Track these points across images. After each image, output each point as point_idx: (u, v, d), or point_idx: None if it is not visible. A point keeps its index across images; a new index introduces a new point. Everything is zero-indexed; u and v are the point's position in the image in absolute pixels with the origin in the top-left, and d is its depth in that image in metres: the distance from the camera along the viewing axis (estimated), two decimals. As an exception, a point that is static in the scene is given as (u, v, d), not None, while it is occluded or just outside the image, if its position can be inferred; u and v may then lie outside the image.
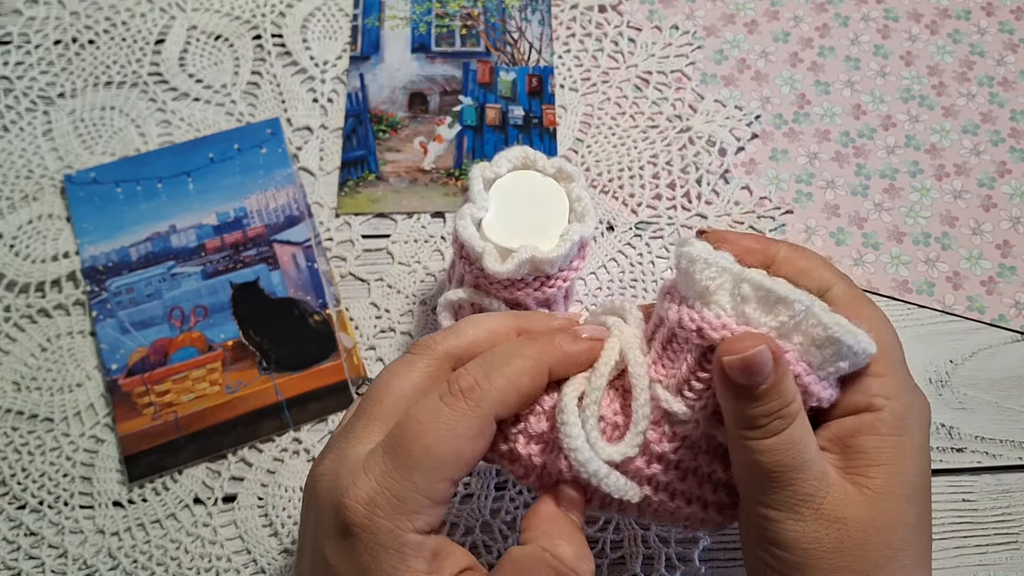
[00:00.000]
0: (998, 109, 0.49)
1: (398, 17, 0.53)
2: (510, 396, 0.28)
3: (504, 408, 0.28)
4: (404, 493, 0.26)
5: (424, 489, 0.26)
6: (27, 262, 0.46)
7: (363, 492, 0.26)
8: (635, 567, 0.39)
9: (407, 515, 0.26)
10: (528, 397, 0.29)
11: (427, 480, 0.26)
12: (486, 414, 0.27)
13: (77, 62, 0.52)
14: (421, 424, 0.27)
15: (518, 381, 0.28)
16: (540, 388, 0.29)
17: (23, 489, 0.42)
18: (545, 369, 0.29)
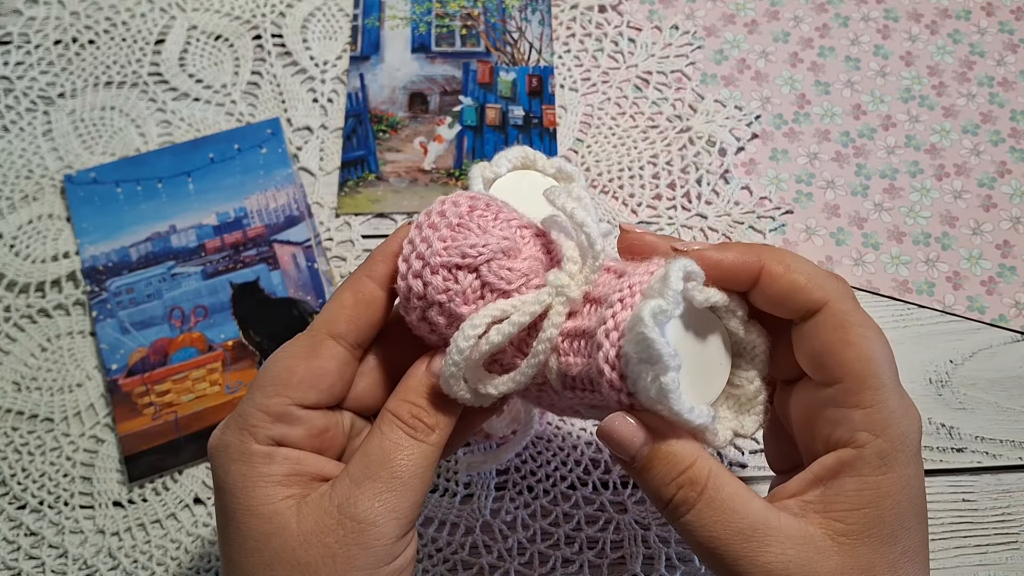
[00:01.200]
0: (998, 109, 0.49)
1: (398, 17, 0.53)
2: (336, 313, 0.30)
3: (334, 324, 0.30)
4: (245, 411, 0.29)
5: (261, 404, 0.29)
6: (27, 262, 0.46)
7: (222, 423, 0.30)
8: (635, 567, 0.39)
9: (248, 429, 0.29)
10: (355, 308, 0.30)
11: (264, 396, 0.29)
12: (315, 333, 0.30)
13: (77, 62, 0.52)
14: (269, 357, 0.30)
15: (340, 299, 0.31)
16: (369, 295, 0.30)
17: (23, 489, 0.42)
18: (366, 281, 0.31)
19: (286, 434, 0.29)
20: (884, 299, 0.45)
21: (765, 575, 0.25)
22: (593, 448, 0.41)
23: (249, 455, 0.28)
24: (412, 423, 0.29)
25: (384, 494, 0.28)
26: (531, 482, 0.41)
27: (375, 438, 0.29)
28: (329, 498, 0.28)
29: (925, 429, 0.42)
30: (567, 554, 0.40)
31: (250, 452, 0.28)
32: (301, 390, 0.29)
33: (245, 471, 0.28)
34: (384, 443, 0.29)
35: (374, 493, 0.28)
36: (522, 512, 0.40)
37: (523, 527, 0.40)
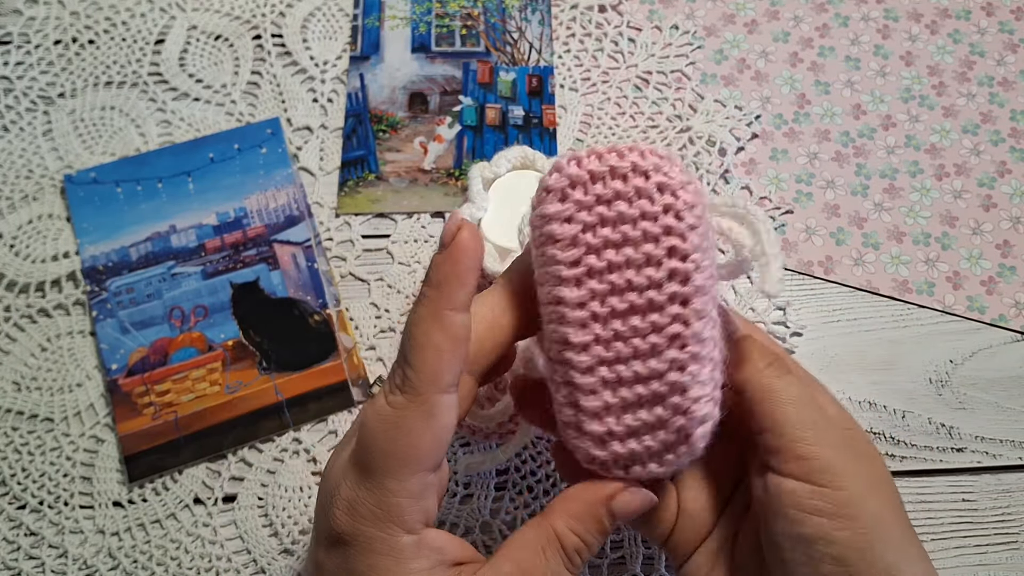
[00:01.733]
0: (998, 109, 0.49)
1: (398, 17, 0.53)
2: (434, 364, 0.27)
3: (440, 376, 0.27)
4: (381, 500, 0.26)
5: (399, 491, 0.26)
6: (27, 262, 0.46)
7: (344, 500, 0.27)
8: (635, 567, 0.39)
9: (393, 520, 0.26)
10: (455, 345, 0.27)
11: (399, 481, 0.26)
12: (424, 396, 0.26)
13: (77, 62, 0.52)
14: (371, 430, 0.27)
15: (431, 344, 0.27)
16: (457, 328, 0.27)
17: (23, 489, 0.42)
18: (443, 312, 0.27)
19: (428, 508, 0.27)
20: (884, 299, 0.45)
21: None
22: (593, 448, 0.41)
23: (399, 551, 0.26)
24: (573, 558, 0.28)
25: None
26: (531, 482, 0.41)
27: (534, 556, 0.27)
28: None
29: (925, 429, 0.42)
30: (567, 554, 0.40)
31: (400, 547, 0.26)
32: (432, 459, 0.27)
33: (395, 568, 0.26)
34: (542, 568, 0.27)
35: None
36: (522, 512, 0.40)
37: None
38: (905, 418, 0.42)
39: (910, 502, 0.40)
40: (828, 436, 0.28)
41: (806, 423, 0.28)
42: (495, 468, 0.41)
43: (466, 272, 0.27)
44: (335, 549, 0.27)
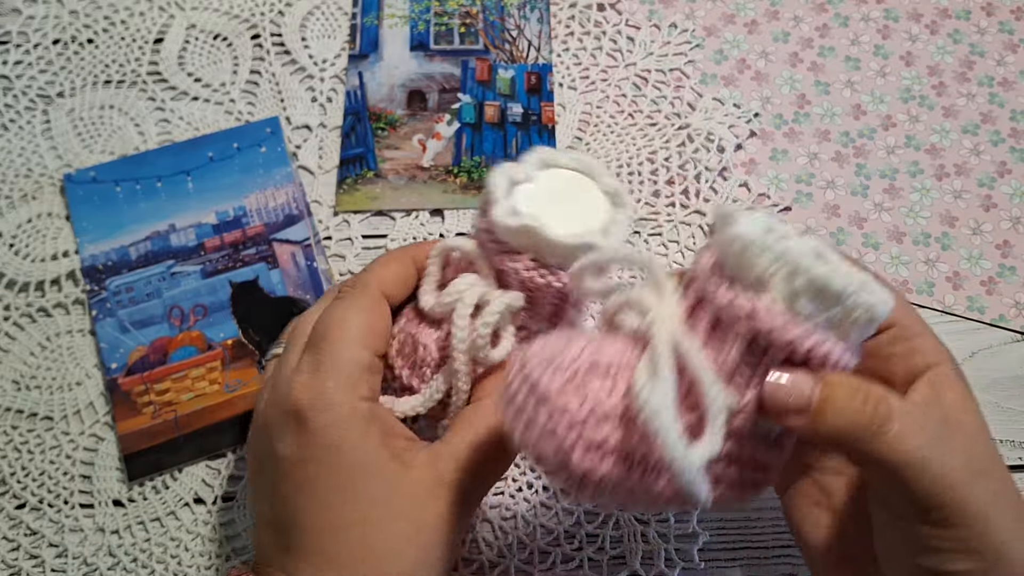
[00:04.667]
0: (998, 109, 0.49)
1: (397, 15, 0.53)
2: (385, 277, 0.33)
3: (387, 283, 0.32)
4: (341, 369, 0.29)
5: (356, 359, 0.30)
6: (27, 261, 0.46)
7: (303, 383, 0.30)
8: (635, 563, 0.39)
9: (353, 386, 0.29)
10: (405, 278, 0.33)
11: (353, 351, 0.30)
12: (372, 291, 0.32)
13: (76, 61, 0.52)
14: (327, 319, 0.31)
15: (391, 266, 0.33)
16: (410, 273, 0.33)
17: (23, 488, 0.42)
18: (408, 259, 0.34)
19: (374, 386, 0.31)
20: (883, 298, 0.45)
21: None
22: (592, 447, 0.41)
23: (358, 412, 0.29)
24: None
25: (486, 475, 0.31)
26: (531, 478, 0.41)
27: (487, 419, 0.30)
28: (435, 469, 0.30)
29: (924, 428, 0.42)
30: (567, 550, 0.40)
31: (361, 410, 0.29)
32: (379, 342, 0.31)
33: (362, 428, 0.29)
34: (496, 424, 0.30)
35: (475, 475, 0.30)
36: (522, 508, 0.40)
37: (523, 523, 0.40)
38: (904, 418, 0.42)
39: (909, 502, 0.40)
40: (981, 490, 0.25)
41: None
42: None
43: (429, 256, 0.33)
44: (296, 434, 0.29)
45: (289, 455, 0.29)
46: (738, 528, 0.40)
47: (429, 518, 0.29)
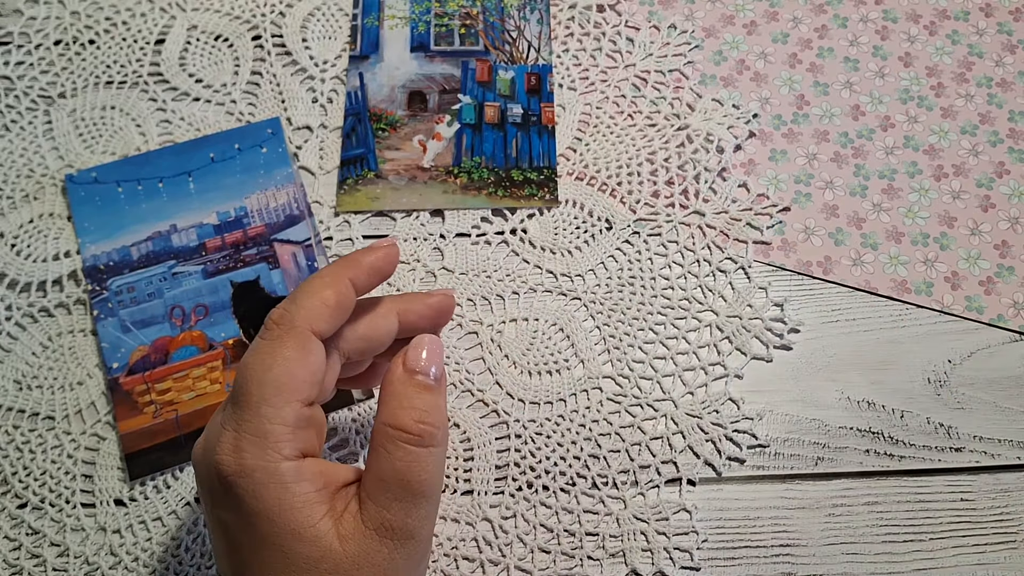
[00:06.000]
0: (996, 110, 0.49)
1: (397, 16, 0.53)
2: (319, 309, 0.29)
3: (318, 320, 0.29)
4: (260, 428, 0.27)
5: (275, 417, 0.27)
6: (28, 261, 0.46)
7: (227, 445, 0.28)
8: (634, 561, 0.39)
9: (272, 447, 0.27)
10: (339, 307, 0.30)
11: (274, 408, 0.28)
12: (300, 331, 0.29)
13: (77, 62, 0.52)
14: (248, 365, 0.29)
15: (322, 295, 0.30)
16: (348, 298, 0.30)
17: (24, 487, 0.42)
18: (345, 280, 0.30)
19: (304, 440, 0.28)
20: (882, 299, 0.45)
21: None
22: (592, 444, 0.42)
23: (280, 475, 0.27)
24: (419, 430, 0.29)
25: (412, 509, 0.29)
26: (530, 478, 0.41)
27: (384, 460, 0.29)
28: (363, 522, 0.28)
29: (924, 428, 0.42)
30: (566, 549, 0.40)
31: (280, 472, 0.27)
32: (305, 391, 0.29)
33: (280, 494, 0.27)
34: (396, 464, 0.29)
35: (403, 512, 0.29)
36: (521, 507, 0.41)
37: (523, 521, 0.40)
38: (904, 418, 0.42)
39: (908, 502, 0.41)
40: None
41: None
42: (494, 464, 0.42)
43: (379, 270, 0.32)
44: (228, 497, 0.28)
45: (227, 520, 0.28)
46: (737, 527, 0.40)
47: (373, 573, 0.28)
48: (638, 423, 0.42)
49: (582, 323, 0.44)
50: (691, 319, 0.44)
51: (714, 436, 0.42)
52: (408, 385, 0.30)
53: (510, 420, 0.42)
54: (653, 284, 0.45)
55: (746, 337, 0.44)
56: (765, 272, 0.46)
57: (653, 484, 0.41)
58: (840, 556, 0.39)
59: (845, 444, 0.42)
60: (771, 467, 0.41)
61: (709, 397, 0.42)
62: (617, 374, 0.43)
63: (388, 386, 0.30)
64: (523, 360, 0.44)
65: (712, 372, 0.43)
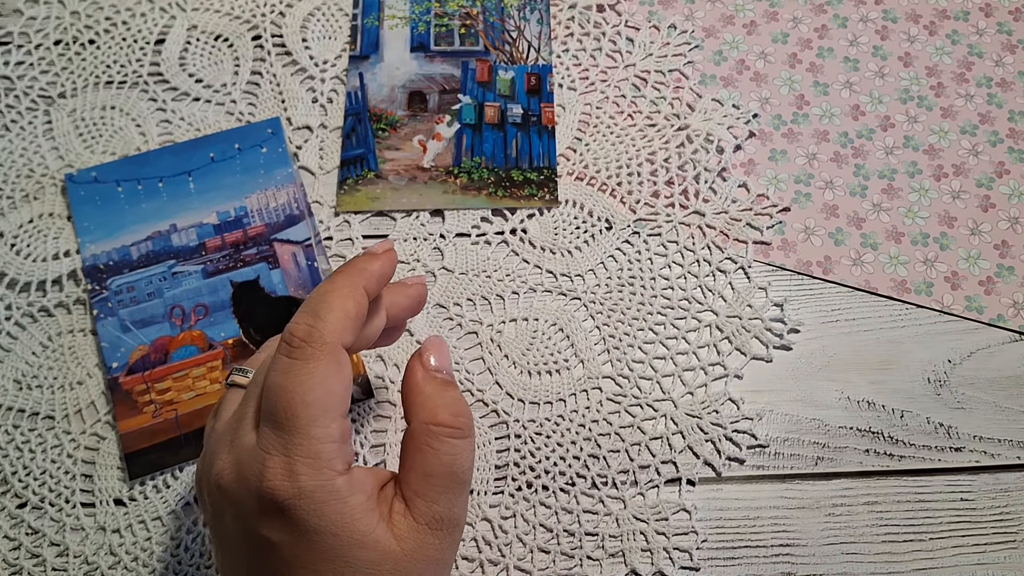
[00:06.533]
0: (996, 110, 0.49)
1: (397, 17, 0.53)
2: (344, 322, 0.30)
3: (345, 334, 0.30)
4: (312, 450, 0.28)
5: (325, 437, 0.28)
6: (28, 260, 0.46)
7: (278, 470, 0.28)
8: (633, 561, 0.39)
9: (326, 466, 0.28)
10: (359, 318, 0.31)
11: (323, 428, 0.28)
12: (332, 347, 0.29)
13: (77, 62, 0.52)
14: (285, 387, 0.28)
15: (344, 307, 0.30)
16: (364, 307, 0.31)
17: (24, 487, 0.42)
18: (360, 288, 0.31)
19: (348, 452, 0.29)
20: (882, 299, 0.45)
21: None
22: (592, 444, 0.42)
23: (338, 492, 0.28)
24: (458, 423, 0.30)
25: (456, 499, 0.30)
26: (530, 478, 0.41)
27: (430, 457, 0.30)
28: (415, 519, 0.30)
29: (924, 428, 0.42)
30: (566, 549, 0.40)
31: (337, 488, 0.28)
32: (345, 405, 0.30)
33: (340, 509, 0.28)
34: (443, 458, 0.30)
35: (450, 503, 0.30)
36: (521, 507, 0.41)
37: (522, 521, 0.40)
38: (904, 417, 0.42)
39: (908, 501, 0.41)
40: None
41: None
42: (494, 464, 0.42)
43: (385, 275, 0.32)
44: (282, 519, 0.28)
45: (278, 540, 0.28)
46: (737, 527, 0.40)
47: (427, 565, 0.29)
48: (638, 423, 0.42)
49: (582, 323, 0.44)
50: (691, 319, 0.44)
51: (714, 436, 0.42)
52: (433, 384, 0.32)
53: (510, 420, 0.42)
54: (653, 284, 0.45)
55: (746, 337, 0.44)
56: (765, 272, 0.46)
57: (653, 484, 0.41)
58: (840, 556, 0.39)
59: (845, 444, 0.42)
60: (771, 467, 0.41)
61: (709, 397, 0.42)
62: (617, 374, 0.43)
63: (415, 389, 0.32)
64: (523, 360, 0.44)
65: (712, 372, 0.43)
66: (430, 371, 0.32)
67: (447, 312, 0.45)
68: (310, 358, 0.29)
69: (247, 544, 0.29)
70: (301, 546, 0.28)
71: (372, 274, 0.32)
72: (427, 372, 0.32)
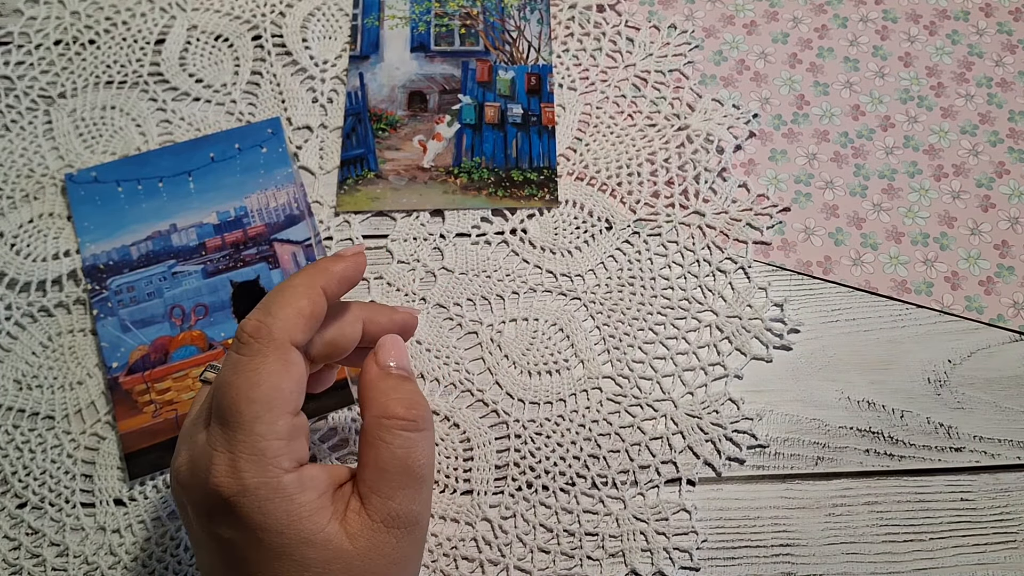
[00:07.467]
0: (996, 110, 0.49)
1: (397, 17, 0.53)
2: (295, 320, 0.29)
3: (296, 331, 0.29)
4: (256, 447, 0.28)
5: (269, 433, 0.28)
6: (28, 260, 0.46)
7: (223, 467, 0.28)
8: (633, 561, 0.39)
9: (271, 463, 0.28)
10: (313, 317, 0.30)
11: (268, 425, 0.28)
12: (280, 343, 0.29)
13: (78, 62, 0.52)
14: (231, 384, 0.28)
15: (297, 305, 0.30)
16: (321, 307, 0.31)
17: (24, 487, 0.42)
18: (317, 288, 0.31)
19: (299, 449, 0.29)
20: (882, 299, 0.45)
21: None
22: (592, 444, 0.42)
23: (284, 489, 0.28)
24: (412, 415, 0.30)
25: (415, 495, 0.30)
26: (530, 478, 0.41)
27: (383, 451, 0.29)
28: (369, 516, 0.29)
29: (924, 428, 0.42)
30: (566, 549, 0.40)
31: (284, 486, 0.28)
32: (293, 402, 0.29)
33: (287, 507, 0.28)
34: (396, 452, 0.29)
35: (407, 500, 0.29)
36: (521, 507, 0.41)
37: (522, 521, 0.40)
38: (904, 418, 0.42)
39: (908, 502, 0.41)
40: None
41: None
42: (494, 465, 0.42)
43: (348, 278, 0.32)
44: (231, 516, 0.28)
45: (230, 537, 0.28)
46: (737, 527, 0.40)
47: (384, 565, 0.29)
48: (638, 423, 0.42)
49: (582, 323, 0.44)
50: (691, 319, 0.44)
51: (714, 436, 0.42)
52: (388, 379, 0.31)
53: (510, 420, 0.42)
54: (653, 284, 0.45)
55: (746, 337, 0.44)
56: (765, 272, 0.46)
57: (653, 484, 0.41)
58: (840, 556, 0.39)
59: (845, 444, 0.42)
60: (771, 467, 0.41)
61: (709, 397, 0.42)
62: (617, 374, 0.43)
63: (369, 385, 0.31)
64: (523, 360, 0.44)
65: (712, 372, 0.43)
66: (384, 368, 0.32)
67: (447, 312, 0.45)
68: (256, 354, 0.29)
69: (208, 540, 0.29)
70: (251, 543, 0.28)
71: (334, 275, 0.31)
72: (381, 369, 0.32)
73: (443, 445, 0.42)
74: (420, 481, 0.30)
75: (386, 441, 0.30)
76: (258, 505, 0.27)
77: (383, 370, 0.32)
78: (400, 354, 0.33)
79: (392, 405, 0.30)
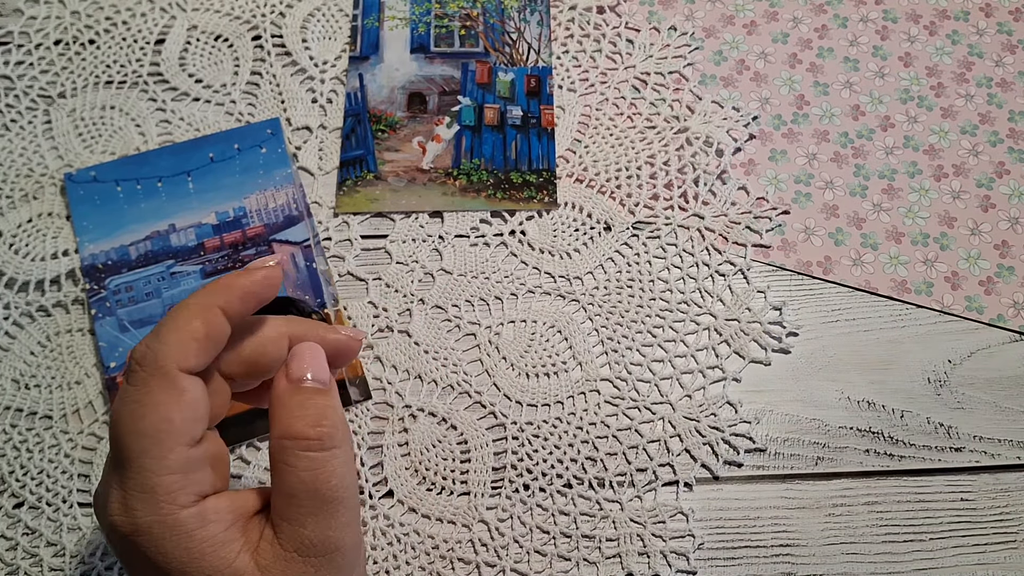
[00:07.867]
0: (996, 110, 0.49)
1: (397, 18, 0.53)
2: (187, 344, 0.27)
3: (186, 356, 0.27)
4: (145, 484, 0.26)
5: (159, 469, 0.26)
6: (27, 260, 0.46)
7: (116, 504, 0.26)
8: (630, 564, 0.39)
9: (164, 500, 0.26)
10: (209, 338, 0.28)
11: (156, 460, 0.26)
12: (167, 371, 0.27)
13: (77, 61, 0.52)
14: (119, 416, 0.27)
15: (189, 328, 0.27)
16: (219, 327, 0.28)
17: (22, 486, 0.42)
18: (214, 308, 0.28)
19: (200, 481, 0.27)
20: (882, 299, 0.45)
21: None
22: (589, 446, 0.42)
23: (181, 526, 0.26)
24: (318, 434, 0.28)
25: (329, 521, 0.27)
26: (527, 480, 0.41)
27: (288, 475, 0.27)
28: (282, 546, 0.27)
29: (924, 428, 0.42)
30: (562, 551, 0.40)
31: (181, 523, 0.26)
32: (187, 432, 0.27)
33: (186, 544, 0.26)
34: (302, 475, 0.27)
35: (321, 526, 0.27)
36: (518, 509, 0.40)
37: (519, 524, 0.40)
38: (904, 418, 0.42)
39: (908, 501, 0.40)
40: None
41: None
42: (492, 467, 0.41)
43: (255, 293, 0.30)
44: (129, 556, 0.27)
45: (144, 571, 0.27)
46: (737, 527, 0.40)
47: None
48: (636, 426, 0.42)
49: (580, 325, 0.44)
50: (689, 322, 0.44)
51: (711, 439, 0.42)
52: (296, 394, 0.29)
53: (507, 422, 0.42)
54: (652, 287, 0.45)
55: (744, 340, 0.44)
56: (765, 272, 0.45)
57: (650, 487, 0.41)
58: (840, 556, 0.39)
59: (845, 444, 0.42)
60: (771, 467, 0.41)
61: (707, 400, 0.42)
62: (615, 376, 0.43)
63: (276, 401, 0.29)
64: (521, 362, 0.43)
65: (710, 375, 0.43)
66: (296, 380, 0.29)
67: (445, 314, 0.45)
68: (142, 384, 0.27)
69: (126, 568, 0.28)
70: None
71: (236, 291, 0.29)
72: (292, 382, 0.29)
73: (440, 447, 0.42)
74: (334, 504, 0.27)
75: (290, 464, 0.27)
76: (153, 544, 0.26)
77: (293, 384, 0.29)
78: (314, 362, 0.30)
79: (295, 424, 0.28)
